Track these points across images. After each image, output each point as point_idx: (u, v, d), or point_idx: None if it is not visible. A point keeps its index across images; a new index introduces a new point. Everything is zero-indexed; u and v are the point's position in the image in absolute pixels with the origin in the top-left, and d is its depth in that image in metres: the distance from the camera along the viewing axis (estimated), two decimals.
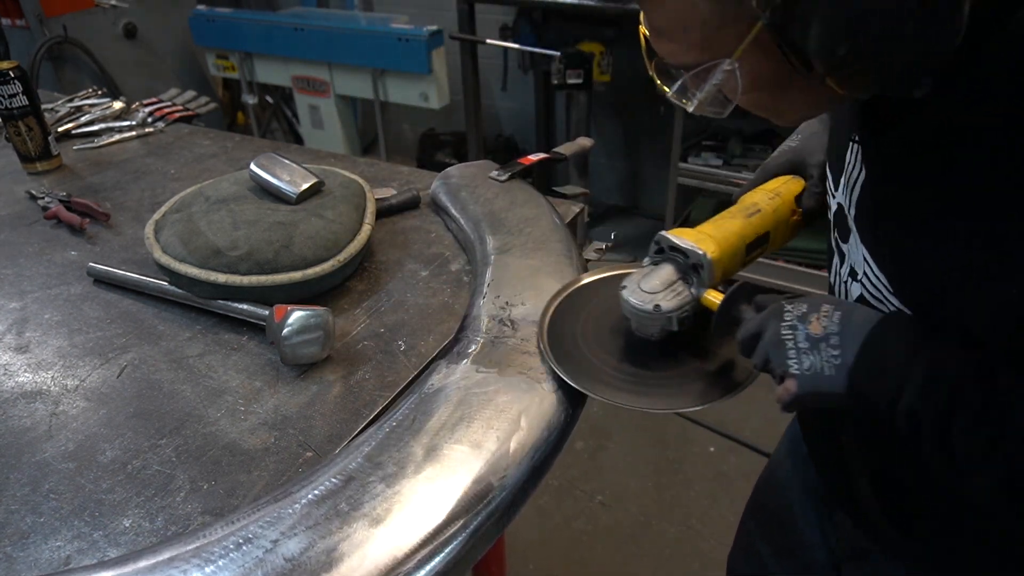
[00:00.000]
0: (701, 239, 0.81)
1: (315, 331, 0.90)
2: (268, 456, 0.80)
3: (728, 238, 0.82)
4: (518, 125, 3.85)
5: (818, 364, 0.64)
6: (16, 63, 1.44)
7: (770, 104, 0.65)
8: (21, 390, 0.91)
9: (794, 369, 0.66)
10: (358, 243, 1.07)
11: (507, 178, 1.28)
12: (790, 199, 0.88)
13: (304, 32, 3.35)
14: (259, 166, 1.13)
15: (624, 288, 0.83)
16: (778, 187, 0.89)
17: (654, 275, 0.82)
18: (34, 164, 1.50)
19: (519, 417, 0.79)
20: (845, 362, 0.63)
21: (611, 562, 1.98)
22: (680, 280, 0.82)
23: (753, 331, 0.71)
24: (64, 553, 0.69)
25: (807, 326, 0.65)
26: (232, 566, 0.61)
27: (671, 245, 0.82)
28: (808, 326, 0.65)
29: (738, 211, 0.87)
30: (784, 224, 0.88)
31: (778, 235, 0.88)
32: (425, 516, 0.67)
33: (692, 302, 0.81)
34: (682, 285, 0.82)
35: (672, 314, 0.80)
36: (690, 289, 0.81)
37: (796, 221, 0.89)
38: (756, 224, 0.85)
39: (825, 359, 0.64)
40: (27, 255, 1.21)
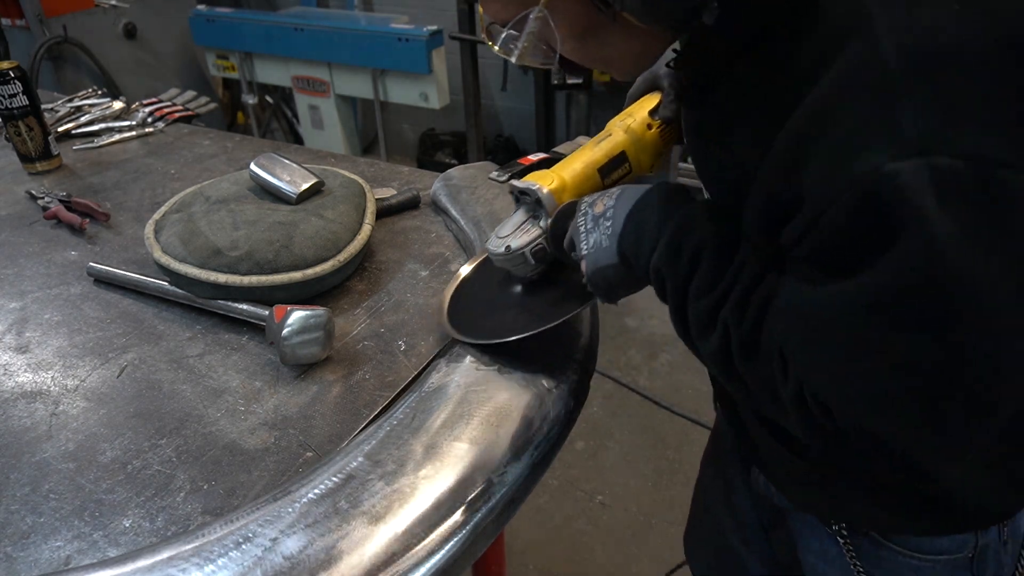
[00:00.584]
0: (540, 176, 0.85)
1: (315, 331, 0.90)
2: (268, 456, 0.80)
3: (574, 167, 0.85)
4: (518, 125, 3.85)
5: (598, 238, 0.70)
6: (16, 63, 1.44)
7: (597, 53, 0.67)
8: (21, 390, 0.91)
9: (583, 250, 0.72)
10: (358, 243, 1.07)
11: (507, 179, 1.28)
12: (643, 115, 0.88)
13: (304, 32, 3.36)
14: (259, 166, 1.13)
15: (487, 241, 0.89)
16: (632, 109, 0.90)
17: (508, 221, 0.88)
18: (34, 164, 1.50)
19: (519, 415, 0.79)
20: (615, 231, 0.69)
21: (611, 562, 1.98)
22: (529, 219, 0.87)
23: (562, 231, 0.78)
24: (64, 553, 0.69)
25: (592, 208, 0.73)
26: (231, 565, 0.62)
27: (518, 190, 0.87)
28: (593, 208, 0.73)
29: (591, 141, 0.90)
30: (641, 141, 0.88)
31: (640, 153, 0.88)
32: (425, 514, 0.68)
33: (541, 235, 0.85)
34: (531, 223, 0.86)
35: (523, 250, 0.85)
36: (539, 224, 0.85)
37: (655, 135, 0.89)
38: (606, 148, 0.87)
39: (602, 232, 0.70)
40: (27, 255, 1.21)
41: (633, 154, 0.88)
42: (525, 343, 0.84)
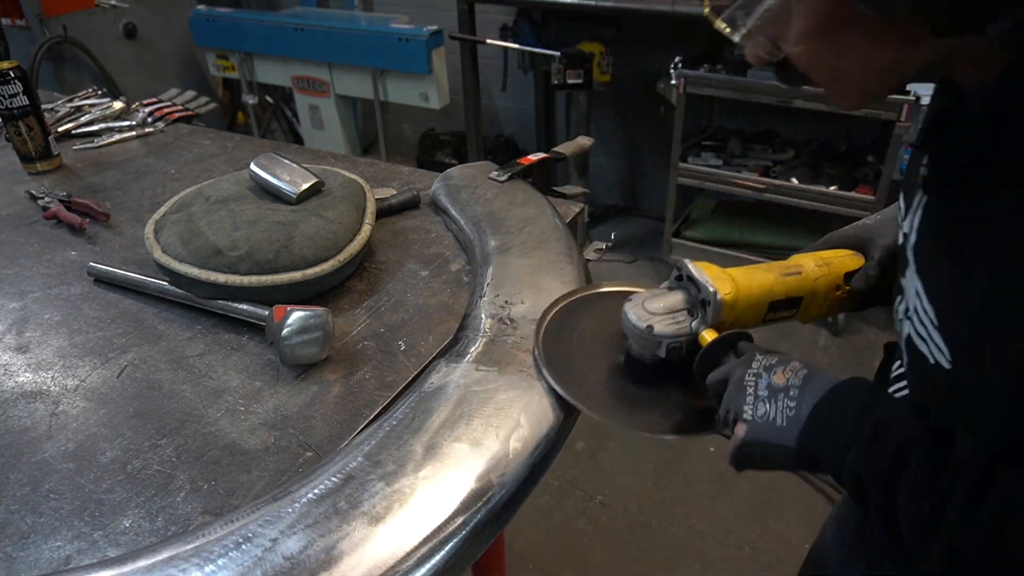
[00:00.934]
0: (719, 277, 0.78)
1: (315, 331, 0.90)
2: (268, 456, 0.80)
3: (751, 287, 0.79)
4: (518, 125, 3.85)
5: (772, 413, 0.63)
6: (16, 63, 1.44)
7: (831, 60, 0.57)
8: (21, 390, 0.91)
9: (747, 414, 0.65)
10: (358, 243, 1.07)
11: (507, 178, 1.28)
12: (840, 273, 0.83)
13: (304, 32, 3.35)
14: (259, 166, 1.13)
15: (629, 302, 0.82)
16: (832, 257, 0.84)
17: (662, 298, 0.81)
18: (34, 164, 1.50)
19: (519, 415, 0.79)
20: (799, 415, 0.61)
21: (611, 562, 1.98)
22: (685, 311, 0.80)
23: (723, 376, 0.70)
24: (64, 553, 0.69)
25: (772, 375, 0.65)
26: (231, 565, 0.61)
27: (689, 275, 0.80)
28: (772, 376, 0.65)
29: (778, 266, 0.82)
30: (823, 296, 0.82)
31: (813, 305, 0.83)
32: (425, 514, 0.67)
33: (688, 335, 0.79)
34: (685, 316, 0.80)
35: (663, 339, 0.78)
36: (691, 322, 0.79)
37: (839, 297, 0.83)
38: (789, 284, 0.80)
39: (780, 408, 0.63)
40: (27, 255, 1.21)
41: (807, 303, 0.83)
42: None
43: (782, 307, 0.81)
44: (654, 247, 3.31)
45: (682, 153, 2.83)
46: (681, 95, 2.67)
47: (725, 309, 0.77)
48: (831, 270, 0.82)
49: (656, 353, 0.80)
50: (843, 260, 0.84)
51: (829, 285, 0.82)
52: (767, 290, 0.80)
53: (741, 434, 0.65)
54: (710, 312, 0.77)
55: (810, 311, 0.83)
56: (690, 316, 0.80)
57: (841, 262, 0.83)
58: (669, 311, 0.80)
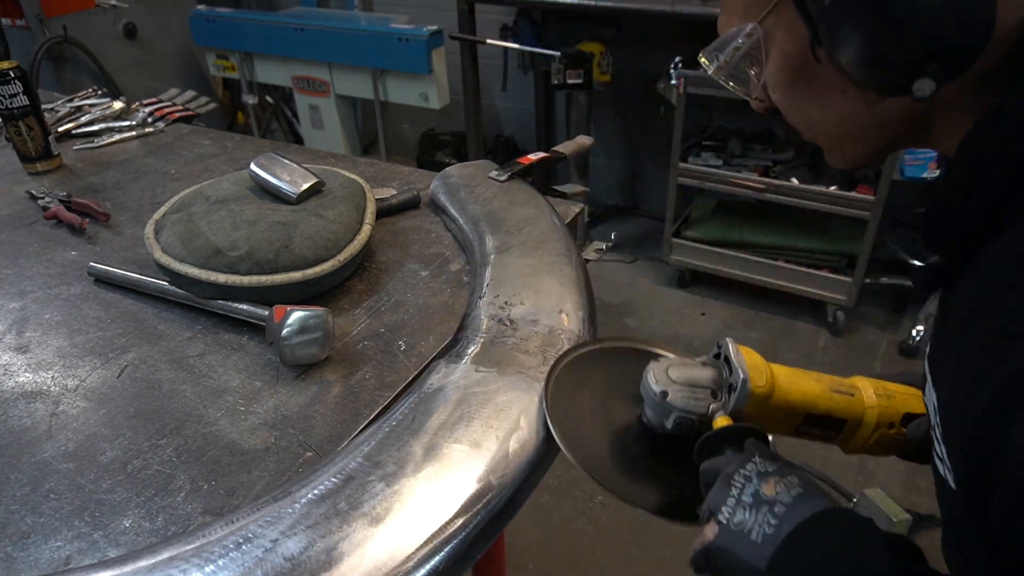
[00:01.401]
0: (757, 367, 0.71)
1: (314, 331, 0.90)
2: (268, 456, 0.80)
3: (790, 391, 0.72)
4: (518, 125, 3.85)
5: (750, 523, 0.57)
6: (16, 63, 1.44)
7: (804, 108, 0.59)
8: (21, 390, 0.91)
9: (723, 517, 0.59)
10: (358, 243, 1.07)
11: (507, 178, 1.28)
12: (900, 411, 0.74)
13: (304, 32, 3.35)
14: (259, 166, 1.13)
15: (655, 362, 0.76)
16: (898, 392, 0.76)
17: (689, 369, 0.75)
18: (34, 164, 1.50)
19: (518, 416, 0.79)
20: (777, 536, 0.55)
21: (611, 562, 1.98)
22: (709, 390, 0.74)
23: (715, 467, 0.65)
24: (64, 553, 0.69)
25: (762, 484, 0.59)
26: (232, 565, 0.61)
27: (726, 354, 0.74)
28: (763, 484, 0.59)
29: (830, 380, 0.75)
30: (872, 429, 0.74)
31: (859, 435, 0.75)
32: (425, 515, 0.67)
33: (702, 415, 0.73)
34: (706, 395, 0.74)
35: (673, 411, 0.73)
36: (711, 403, 0.73)
37: (892, 437, 0.75)
38: (836, 403, 0.73)
39: (759, 522, 0.57)
40: (27, 255, 1.21)
41: (851, 430, 0.75)
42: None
43: (820, 424, 0.74)
44: (654, 247, 3.32)
45: (682, 153, 2.83)
46: (681, 95, 2.67)
47: (751, 401, 0.70)
48: (891, 404, 0.74)
49: (664, 423, 0.74)
50: (907, 399, 0.75)
51: (883, 421, 0.74)
52: (808, 400, 0.72)
53: (710, 536, 0.60)
54: (733, 398, 0.71)
55: (855, 440, 0.75)
56: (712, 397, 0.74)
57: (904, 400, 0.75)
58: (691, 384, 0.74)
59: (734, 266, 2.89)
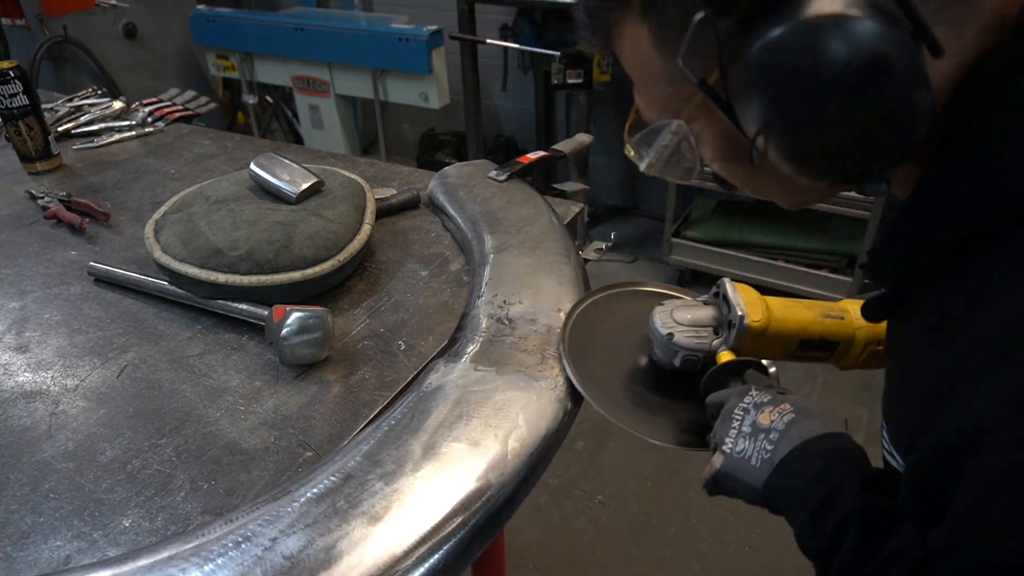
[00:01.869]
0: (753, 303, 0.78)
1: (314, 332, 0.90)
2: (268, 456, 0.80)
3: (785, 320, 0.78)
4: (518, 125, 3.85)
5: (749, 451, 0.65)
6: (16, 63, 1.44)
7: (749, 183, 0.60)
8: (21, 390, 0.91)
9: (727, 447, 0.67)
10: (358, 243, 1.07)
11: (506, 178, 1.28)
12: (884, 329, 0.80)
13: (304, 32, 3.35)
14: (259, 166, 1.13)
15: (660, 306, 0.83)
16: None
17: (691, 310, 0.82)
18: (34, 164, 1.50)
19: (517, 415, 0.79)
20: (772, 460, 0.62)
21: (611, 562, 1.98)
22: (711, 328, 0.81)
23: (720, 400, 0.72)
24: (64, 553, 0.69)
25: (759, 413, 0.66)
26: (231, 564, 0.62)
27: (724, 293, 0.80)
28: (759, 414, 0.66)
29: (820, 306, 0.81)
30: (862, 347, 0.80)
31: (850, 354, 0.81)
32: (424, 513, 0.68)
33: (707, 351, 0.79)
34: (709, 332, 0.81)
35: (680, 350, 0.80)
36: (713, 340, 0.80)
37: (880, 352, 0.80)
38: (827, 327, 0.79)
39: (757, 449, 0.64)
40: (27, 255, 1.21)
41: (843, 350, 0.81)
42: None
43: (815, 347, 0.80)
44: (654, 247, 3.31)
45: None
46: None
47: (749, 335, 0.76)
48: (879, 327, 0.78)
49: (672, 361, 0.81)
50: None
51: (871, 338, 0.79)
52: (801, 327, 0.78)
53: (717, 465, 0.67)
54: (733, 334, 0.77)
55: (847, 359, 0.82)
56: (714, 334, 0.80)
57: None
58: (694, 324, 0.80)
59: (734, 266, 2.89)
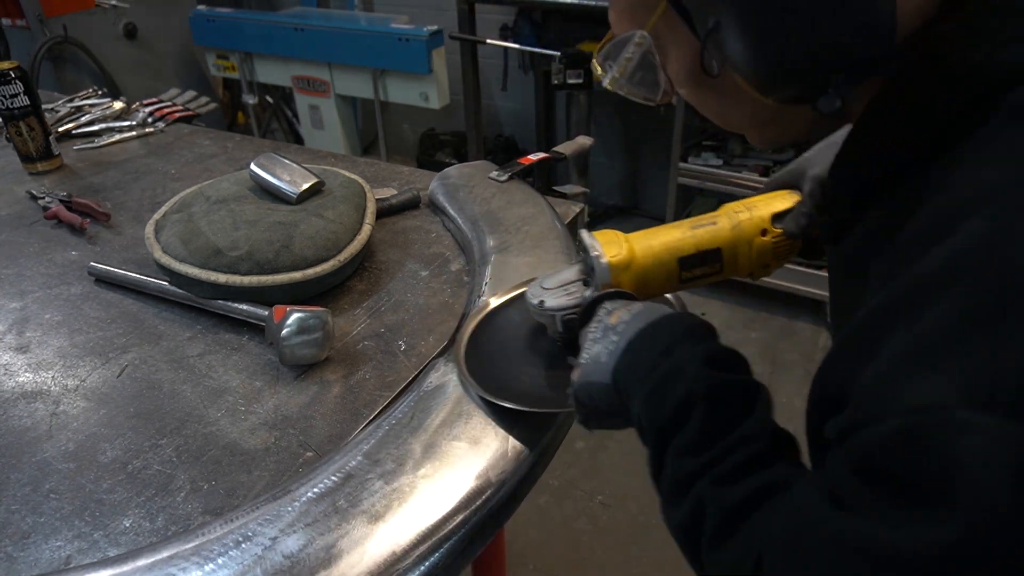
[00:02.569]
0: (611, 242, 0.72)
1: (314, 332, 0.90)
2: (268, 456, 0.80)
3: (652, 247, 0.72)
4: (518, 125, 3.85)
5: (599, 352, 0.60)
6: (16, 63, 1.44)
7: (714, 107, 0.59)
8: (21, 390, 0.91)
9: (582, 358, 0.62)
10: (358, 243, 1.07)
11: (507, 178, 1.28)
12: (765, 215, 0.74)
13: (304, 32, 3.35)
14: (259, 166, 1.14)
15: (531, 283, 0.79)
16: (757, 201, 0.76)
17: (558, 274, 0.78)
18: (34, 164, 1.50)
19: (516, 414, 0.79)
20: (618, 348, 0.58)
21: (611, 562, 1.98)
22: (580, 282, 0.76)
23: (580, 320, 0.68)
24: (64, 553, 0.70)
25: (609, 316, 0.62)
26: (231, 564, 0.62)
27: (583, 245, 0.75)
28: (609, 318, 0.62)
29: (689, 222, 0.75)
30: (747, 245, 0.73)
31: (739, 255, 0.74)
32: (424, 512, 0.68)
33: (580, 305, 0.73)
34: (579, 287, 0.75)
35: (555, 313, 0.74)
36: (583, 291, 0.75)
37: (771, 244, 0.74)
38: (700, 237, 0.73)
39: (606, 346, 0.60)
40: (27, 255, 1.21)
41: (730, 255, 0.74)
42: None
43: (698, 263, 0.73)
44: None
45: (682, 153, 2.83)
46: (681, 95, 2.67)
47: (614, 273, 0.71)
48: (753, 214, 0.74)
49: (557, 329, 0.76)
50: (771, 201, 0.75)
51: (753, 230, 0.73)
52: (672, 247, 0.72)
53: (574, 378, 0.62)
54: (596, 278, 0.72)
55: (738, 264, 0.74)
56: (584, 287, 0.75)
57: (767, 203, 0.75)
58: (562, 284, 0.76)
59: None
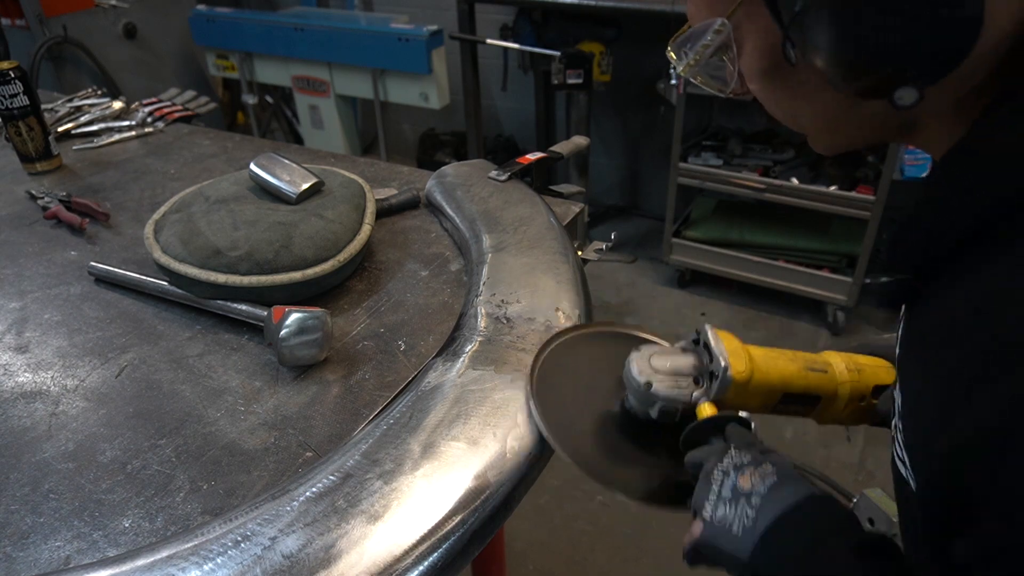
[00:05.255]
0: (736, 352, 0.72)
1: (313, 333, 0.90)
2: (268, 456, 0.80)
3: (769, 372, 0.73)
4: (518, 125, 3.85)
5: (731, 518, 0.60)
6: (16, 63, 1.44)
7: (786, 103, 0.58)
8: (21, 390, 0.91)
9: (706, 513, 0.62)
10: (358, 243, 1.07)
11: (507, 178, 1.28)
12: (870, 384, 0.77)
13: (304, 32, 3.36)
14: (259, 166, 1.14)
15: (636, 351, 0.77)
16: (865, 365, 0.78)
17: (670, 357, 0.76)
18: (34, 164, 1.50)
19: (516, 413, 0.79)
20: (755, 528, 0.58)
21: (611, 562, 1.98)
22: (691, 377, 0.75)
23: (699, 459, 0.67)
24: (64, 553, 0.70)
25: (739, 476, 0.62)
26: (230, 563, 0.62)
27: (706, 341, 0.74)
28: (739, 476, 0.62)
29: (804, 358, 0.76)
30: (845, 402, 0.76)
31: (832, 409, 0.77)
32: (423, 512, 0.68)
33: (686, 403, 0.74)
34: (689, 382, 0.75)
35: (658, 401, 0.74)
36: (693, 391, 0.74)
37: (863, 409, 0.77)
38: (811, 381, 0.75)
39: (739, 515, 0.59)
40: (27, 255, 1.21)
41: (827, 405, 0.76)
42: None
43: (797, 401, 0.76)
44: (654, 247, 3.31)
45: (682, 153, 2.83)
46: (681, 95, 2.67)
47: (733, 388, 0.71)
48: (861, 378, 0.76)
49: (649, 412, 0.76)
50: (876, 371, 0.78)
51: (855, 394, 0.76)
52: (785, 380, 0.74)
53: (696, 533, 0.63)
54: (715, 386, 0.72)
55: (828, 414, 0.78)
56: (695, 384, 0.75)
57: (874, 372, 0.77)
58: (674, 373, 0.75)
59: (734, 266, 2.89)
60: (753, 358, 0.73)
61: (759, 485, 0.60)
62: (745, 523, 0.59)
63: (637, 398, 0.76)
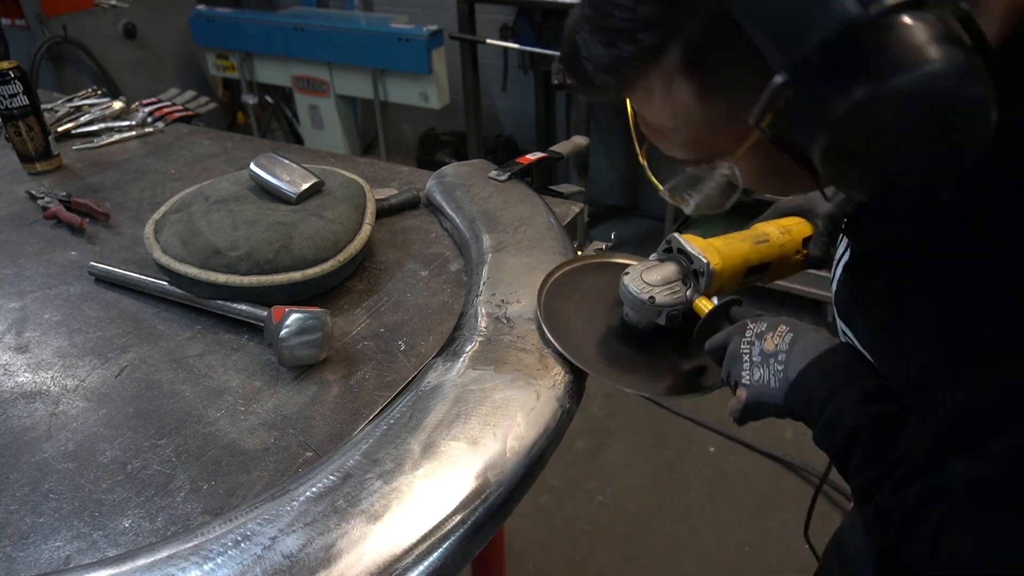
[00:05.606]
0: (708, 249, 0.86)
1: (313, 333, 0.90)
2: (268, 456, 0.80)
3: (733, 256, 0.87)
4: (518, 125, 3.85)
5: (766, 376, 0.71)
6: (16, 63, 1.44)
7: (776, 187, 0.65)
8: (21, 390, 0.91)
9: (745, 379, 0.73)
10: (358, 243, 1.07)
11: (507, 178, 1.28)
12: (799, 239, 0.92)
13: (304, 32, 3.36)
14: (259, 166, 1.13)
15: (627, 275, 0.88)
16: (790, 225, 0.93)
17: (657, 270, 0.88)
18: (34, 164, 1.50)
19: (516, 413, 0.79)
20: (787, 377, 0.69)
21: (611, 562, 1.98)
22: (679, 281, 0.88)
23: (720, 343, 0.78)
24: (64, 553, 0.70)
25: (763, 343, 0.73)
26: (230, 563, 0.62)
27: (680, 248, 0.88)
28: (763, 343, 0.73)
29: (748, 235, 0.91)
30: (786, 260, 0.92)
31: (779, 268, 0.92)
32: (423, 512, 0.68)
33: (685, 304, 0.87)
34: (680, 286, 0.88)
35: (664, 309, 0.86)
36: (686, 292, 0.87)
37: (798, 260, 0.93)
38: (762, 252, 0.89)
39: (772, 373, 0.71)
40: (27, 255, 1.21)
41: (775, 267, 0.91)
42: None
43: (755, 272, 0.90)
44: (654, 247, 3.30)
45: None
46: None
47: (715, 278, 0.85)
48: (792, 237, 0.92)
49: (656, 321, 0.88)
50: (800, 227, 0.93)
51: (792, 251, 0.92)
52: (745, 258, 0.88)
53: (743, 398, 0.73)
54: (703, 282, 0.85)
55: (776, 274, 0.93)
56: (684, 286, 0.88)
57: (799, 229, 0.93)
58: (666, 282, 0.87)
59: None
60: (719, 249, 0.86)
61: (781, 343, 0.71)
62: (778, 376, 0.70)
63: (641, 312, 0.88)
